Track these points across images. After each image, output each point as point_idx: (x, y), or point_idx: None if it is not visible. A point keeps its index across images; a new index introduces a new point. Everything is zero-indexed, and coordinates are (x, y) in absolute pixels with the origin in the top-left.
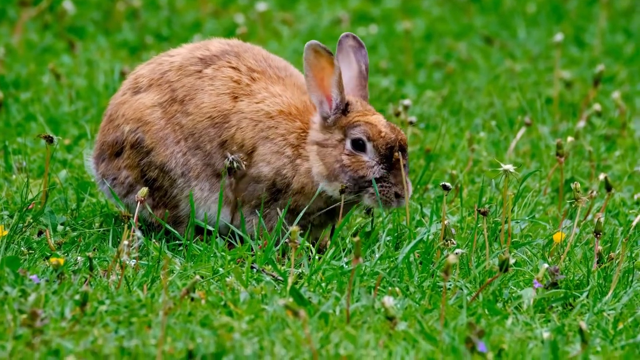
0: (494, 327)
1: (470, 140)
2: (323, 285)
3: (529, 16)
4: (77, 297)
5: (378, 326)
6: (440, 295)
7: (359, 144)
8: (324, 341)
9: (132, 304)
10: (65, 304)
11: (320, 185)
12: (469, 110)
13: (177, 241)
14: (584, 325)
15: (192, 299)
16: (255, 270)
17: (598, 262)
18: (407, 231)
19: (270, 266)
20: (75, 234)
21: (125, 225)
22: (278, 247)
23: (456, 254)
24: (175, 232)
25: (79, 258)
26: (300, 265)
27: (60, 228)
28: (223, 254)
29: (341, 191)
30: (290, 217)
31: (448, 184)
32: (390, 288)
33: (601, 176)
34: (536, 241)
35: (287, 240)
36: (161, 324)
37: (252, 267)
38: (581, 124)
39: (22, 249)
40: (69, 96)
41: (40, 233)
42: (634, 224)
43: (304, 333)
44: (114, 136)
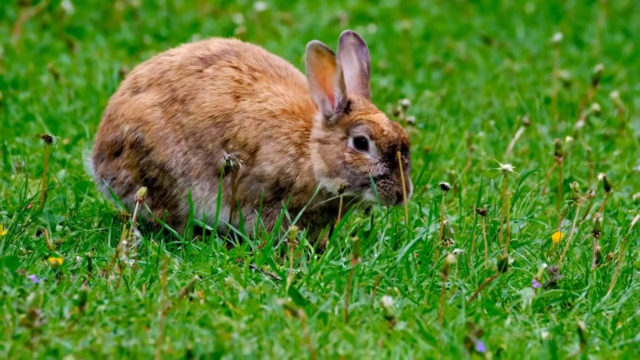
0: (492, 327)
1: (469, 140)
2: (322, 285)
3: (528, 16)
4: (76, 297)
5: (377, 326)
6: (439, 295)
7: (362, 142)
8: (322, 341)
9: (131, 304)
10: (64, 304)
11: (321, 183)
12: (468, 110)
13: (176, 241)
14: (582, 325)
15: (191, 299)
16: (254, 270)
17: (597, 262)
18: (406, 231)
19: (269, 266)
20: (74, 233)
21: (124, 225)
22: (277, 247)
23: (455, 253)
24: (174, 232)
25: (78, 258)
26: (299, 265)
27: (59, 228)
28: (222, 253)
29: (340, 190)
30: (293, 217)
31: (447, 184)
32: (389, 288)
33: (600, 176)
34: (535, 241)
35: (286, 239)
36: (160, 324)
37: (251, 267)
38: (580, 123)
39: (21, 248)
40: (68, 96)
41: (39, 233)
42: (633, 223)
43: (303, 333)
44: (113, 136)
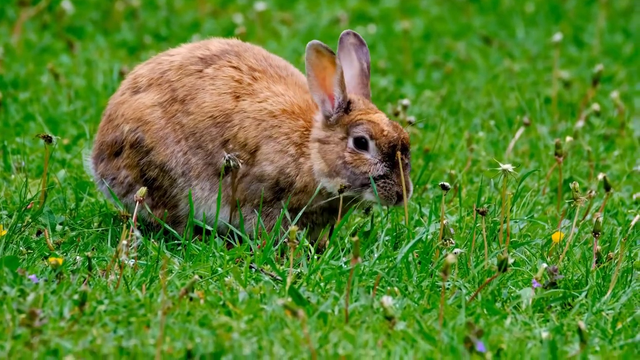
0: (492, 327)
1: (469, 140)
2: (322, 285)
3: (528, 16)
4: (76, 297)
5: (377, 326)
6: (439, 295)
7: (362, 142)
8: (322, 341)
9: (131, 304)
10: (64, 304)
11: (321, 183)
12: (468, 110)
13: (176, 241)
14: (582, 325)
15: (191, 299)
16: (254, 270)
17: (597, 262)
18: (406, 231)
19: (269, 266)
20: (74, 233)
21: (124, 225)
22: (277, 247)
23: (455, 253)
24: (174, 232)
25: (78, 258)
26: (299, 265)
27: (59, 228)
28: (222, 253)
29: (340, 190)
30: (293, 217)
31: (447, 184)
32: (389, 288)
33: (600, 176)
34: (535, 241)
35: (286, 239)
36: (160, 324)
37: (251, 267)
38: (580, 123)
39: (21, 248)
40: (68, 96)
41: (39, 233)
42: (633, 223)
43: (303, 333)
44: (113, 136)
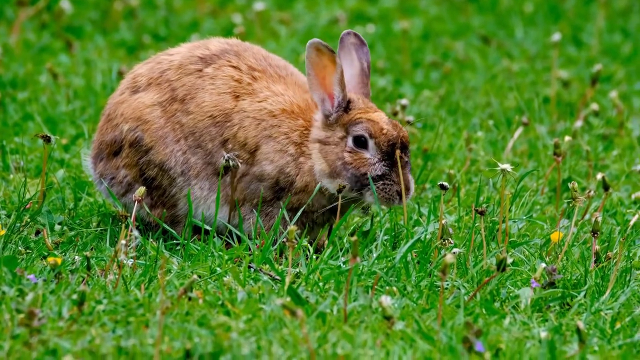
0: (491, 327)
1: (468, 140)
2: (320, 284)
3: (527, 16)
4: (75, 297)
5: (375, 326)
6: (438, 294)
7: (361, 141)
8: (321, 341)
9: (130, 304)
10: (63, 304)
11: (321, 183)
12: (467, 109)
13: (175, 241)
14: (581, 324)
15: (190, 299)
16: (252, 269)
17: (595, 262)
18: (405, 230)
19: (267, 265)
20: (72, 233)
21: (123, 225)
22: (276, 247)
23: (454, 253)
24: (173, 232)
25: (77, 257)
26: (298, 264)
27: (57, 227)
28: (220, 253)
29: (338, 191)
30: (294, 216)
31: (445, 184)
32: (387, 287)
33: (599, 175)
34: (534, 241)
35: (285, 239)
36: (159, 324)
37: (250, 267)
38: (579, 123)
39: (20, 248)
40: (67, 96)
41: (37, 232)
42: (632, 223)
43: (302, 332)
44: (113, 135)
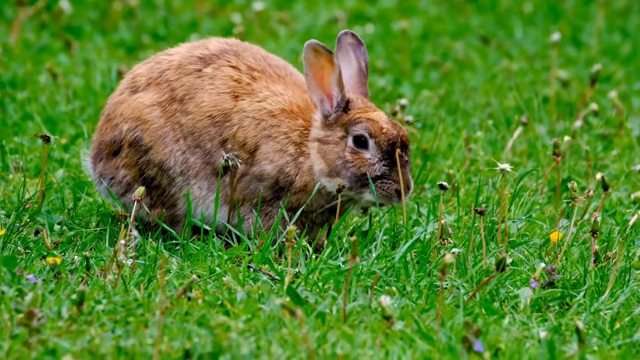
0: (490, 327)
1: (467, 140)
2: (320, 284)
3: (526, 16)
4: (74, 297)
5: (375, 326)
6: (437, 294)
7: (361, 141)
8: (320, 340)
9: (129, 304)
10: (62, 304)
11: (321, 182)
12: (466, 109)
13: (174, 240)
14: (580, 324)
15: (189, 299)
16: (252, 269)
17: (595, 262)
18: (404, 230)
19: (267, 265)
20: (72, 233)
21: (122, 225)
22: (275, 247)
23: (453, 253)
24: (172, 232)
25: (76, 257)
26: (297, 264)
27: (57, 227)
28: (220, 253)
29: (338, 190)
30: (293, 216)
31: (445, 184)
32: (387, 287)
33: (598, 175)
34: (533, 240)
35: (284, 239)
36: (158, 324)
37: (249, 267)
38: (578, 123)
39: (19, 248)
40: (66, 96)
41: (37, 232)
42: (631, 223)
43: (301, 332)
44: (112, 135)
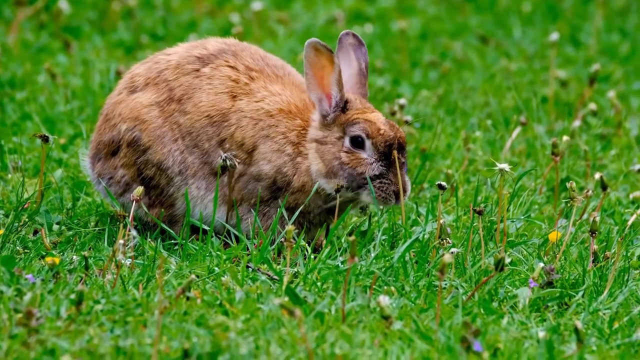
0: (489, 327)
1: (466, 140)
2: (318, 284)
3: (525, 15)
4: (73, 297)
5: (374, 325)
6: (436, 294)
7: (358, 142)
8: (319, 340)
9: (128, 303)
10: (61, 303)
11: (318, 183)
12: (465, 109)
13: (173, 240)
14: (579, 324)
15: (188, 298)
16: (250, 269)
17: (594, 262)
18: (403, 230)
19: (265, 265)
20: (70, 233)
21: (121, 225)
22: (274, 247)
23: (452, 253)
24: (171, 232)
25: (75, 257)
26: (296, 264)
27: (55, 227)
28: (218, 253)
29: (336, 190)
30: (291, 216)
31: (444, 183)
32: (385, 287)
33: (597, 175)
34: (532, 240)
35: (283, 239)
36: (157, 323)
37: (248, 267)
38: (577, 123)
39: (18, 248)
40: (65, 96)
41: (35, 232)
42: (630, 223)
43: (300, 332)
44: (111, 135)
